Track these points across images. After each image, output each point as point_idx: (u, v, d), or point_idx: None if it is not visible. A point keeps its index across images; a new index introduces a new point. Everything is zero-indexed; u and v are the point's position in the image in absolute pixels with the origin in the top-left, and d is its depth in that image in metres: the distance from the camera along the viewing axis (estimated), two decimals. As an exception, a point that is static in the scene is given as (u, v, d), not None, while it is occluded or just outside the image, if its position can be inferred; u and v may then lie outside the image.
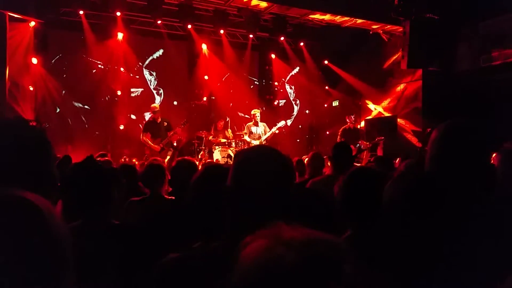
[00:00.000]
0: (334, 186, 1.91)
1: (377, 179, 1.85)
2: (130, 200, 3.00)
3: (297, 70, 12.44)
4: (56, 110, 9.75)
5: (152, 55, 10.95)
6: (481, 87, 8.36)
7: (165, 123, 8.61)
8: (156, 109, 8.64)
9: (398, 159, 5.96)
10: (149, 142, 8.36)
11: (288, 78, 12.69)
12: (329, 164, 4.25)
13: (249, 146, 9.25)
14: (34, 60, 9.03)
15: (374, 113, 11.05)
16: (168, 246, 1.39)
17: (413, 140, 9.54)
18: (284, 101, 12.86)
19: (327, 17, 9.68)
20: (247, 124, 9.47)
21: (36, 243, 0.79)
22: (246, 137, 9.33)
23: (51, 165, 1.41)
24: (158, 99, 10.96)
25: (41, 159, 1.33)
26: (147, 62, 10.91)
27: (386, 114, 10.66)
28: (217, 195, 1.50)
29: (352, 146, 9.46)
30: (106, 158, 5.14)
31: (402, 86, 10.17)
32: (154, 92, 11.03)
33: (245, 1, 8.99)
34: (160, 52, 10.98)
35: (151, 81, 11.00)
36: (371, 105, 11.14)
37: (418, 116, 9.61)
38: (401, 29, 9.00)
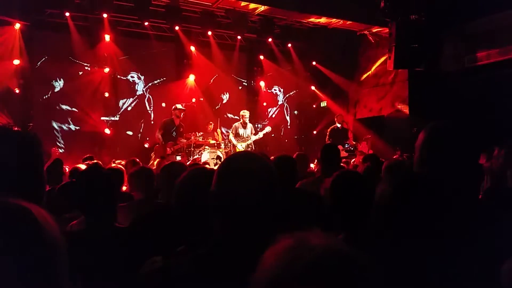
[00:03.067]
0: (321, 189, 1.94)
1: (361, 181, 1.89)
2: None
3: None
4: (42, 112, 9.61)
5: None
6: (466, 87, 8.50)
7: (181, 129, 8.55)
8: (181, 110, 8.50)
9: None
10: (163, 142, 8.26)
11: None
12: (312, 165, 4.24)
13: (234, 148, 9.26)
14: (16, 61, 8.87)
15: (361, 112, 11.15)
16: (164, 249, 1.39)
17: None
18: (276, 107, 12.93)
19: (313, 19, 9.75)
20: (235, 124, 9.47)
21: (31, 249, 0.79)
22: (232, 138, 9.32)
23: (42, 168, 1.41)
24: (148, 103, 10.92)
25: (32, 162, 1.33)
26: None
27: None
28: (202, 198, 1.51)
29: (340, 146, 9.54)
30: (94, 161, 5.09)
31: (388, 86, 10.28)
32: (143, 92, 10.96)
33: (232, 1, 8.99)
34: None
35: (138, 83, 10.93)
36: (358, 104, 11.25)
37: (404, 117, 9.73)
38: (387, 31, 9.09)
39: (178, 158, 8.19)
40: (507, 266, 0.88)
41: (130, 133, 10.55)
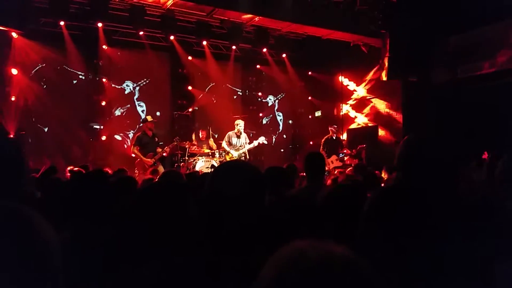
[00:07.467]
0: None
1: (354, 191, 1.93)
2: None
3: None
4: (36, 120, 9.56)
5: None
6: (458, 97, 8.58)
7: (156, 138, 8.70)
8: (152, 123, 8.71)
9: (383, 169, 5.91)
10: (141, 155, 8.38)
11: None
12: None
13: (228, 154, 9.24)
14: (14, 71, 8.89)
15: (355, 124, 11.20)
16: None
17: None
18: (270, 116, 12.96)
19: (308, 29, 9.84)
20: (229, 133, 9.45)
21: (27, 251, 0.80)
22: (225, 145, 9.29)
23: (23, 177, 1.40)
24: (142, 112, 10.90)
25: (14, 172, 1.33)
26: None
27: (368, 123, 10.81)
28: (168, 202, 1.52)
29: (335, 156, 9.56)
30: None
31: (382, 97, 10.35)
32: (137, 103, 10.95)
33: (227, 12, 9.05)
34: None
35: (133, 92, 10.93)
36: (352, 113, 11.31)
37: (398, 126, 9.78)
38: (381, 42, 9.18)
39: (161, 168, 8.27)
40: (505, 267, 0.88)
41: (118, 137, 10.57)
